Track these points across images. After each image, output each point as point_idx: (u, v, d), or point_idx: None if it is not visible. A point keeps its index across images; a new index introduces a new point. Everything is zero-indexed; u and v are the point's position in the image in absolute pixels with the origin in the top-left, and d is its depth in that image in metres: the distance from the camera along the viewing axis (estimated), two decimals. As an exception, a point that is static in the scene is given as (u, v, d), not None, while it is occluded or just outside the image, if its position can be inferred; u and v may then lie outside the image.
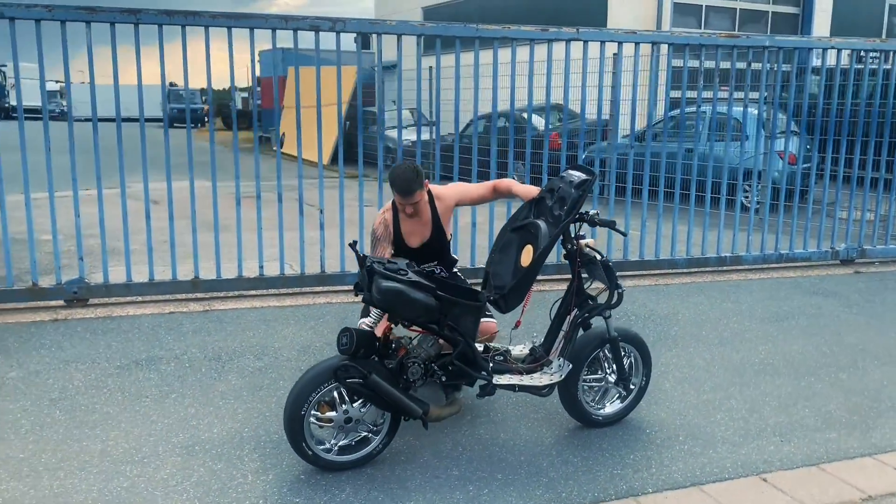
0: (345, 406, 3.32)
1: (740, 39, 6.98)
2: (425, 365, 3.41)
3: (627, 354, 3.91)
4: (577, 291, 3.73)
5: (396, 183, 3.87)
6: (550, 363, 3.72)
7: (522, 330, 4.05)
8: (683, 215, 7.60)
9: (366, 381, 3.24)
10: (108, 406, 4.07)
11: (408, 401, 3.31)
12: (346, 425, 3.36)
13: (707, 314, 5.94)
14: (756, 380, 4.62)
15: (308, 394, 3.26)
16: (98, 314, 5.62)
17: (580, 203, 3.57)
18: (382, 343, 3.42)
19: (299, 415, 3.26)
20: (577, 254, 3.69)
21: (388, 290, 3.19)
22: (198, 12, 5.64)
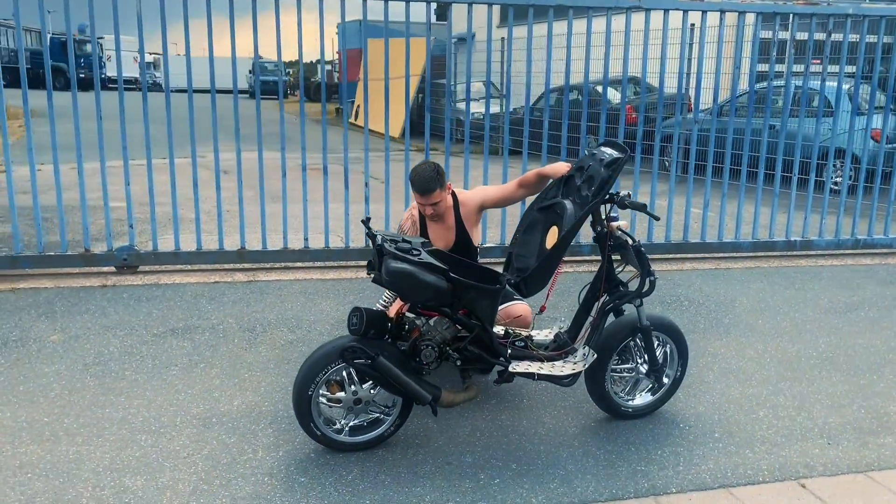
0: (354, 387, 3.23)
1: (819, 7, 6.47)
2: (440, 348, 3.28)
3: (662, 344, 3.67)
4: (606, 277, 3.50)
5: (415, 181, 3.78)
6: (575, 351, 3.53)
7: (549, 315, 3.87)
8: (750, 195, 7.18)
9: (373, 363, 3.13)
10: (137, 374, 4.11)
11: (416, 385, 3.19)
12: (355, 406, 3.27)
13: (767, 302, 5.58)
14: (810, 375, 4.30)
15: (315, 374, 3.18)
16: (146, 281, 5.72)
17: (609, 184, 3.33)
18: (395, 324, 3.30)
19: (307, 395, 3.19)
20: (607, 237, 3.46)
21: (397, 272, 3.06)
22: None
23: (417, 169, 3.79)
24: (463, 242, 3.98)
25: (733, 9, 6.34)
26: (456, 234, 3.97)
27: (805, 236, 6.99)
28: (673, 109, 10.31)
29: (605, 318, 3.51)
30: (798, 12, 6.43)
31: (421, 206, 3.84)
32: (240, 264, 6.07)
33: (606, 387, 3.57)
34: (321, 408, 3.28)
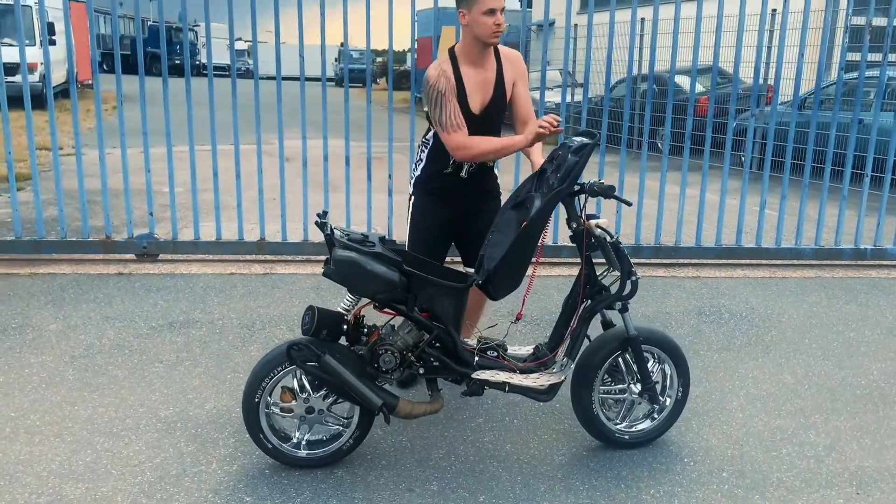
0: (305, 395, 2.97)
1: (902, -12, 5.76)
2: (401, 354, 2.98)
3: (658, 361, 3.25)
4: (586, 280, 3.11)
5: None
6: (553, 363, 3.16)
7: (531, 329, 3.50)
8: (815, 196, 6.53)
9: (319, 362, 2.86)
10: (120, 369, 3.98)
11: (365, 389, 2.89)
12: (308, 416, 3.01)
13: (820, 318, 5.01)
14: (852, 407, 3.77)
15: (261, 379, 2.94)
16: (163, 271, 5.63)
17: (576, 169, 2.93)
18: (353, 327, 3.01)
19: (253, 402, 2.95)
20: (584, 235, 3.07)
21: (342, 260, 2.81)
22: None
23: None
24: (500, 101, 3.39)
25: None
26: (494, 89, 3.37)
27: (878, 244, 6.29)
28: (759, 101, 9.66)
29: (585, 325, 3.13)
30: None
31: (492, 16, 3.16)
32: (259, 255, 5.91)
33: (595, 410, 3.18)
34: (274, 418, 3.03)
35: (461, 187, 3.46)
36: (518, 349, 3.26)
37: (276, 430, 3.05)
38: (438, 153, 3.42)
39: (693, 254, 6.18)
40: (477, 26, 3.19)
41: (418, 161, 3.55)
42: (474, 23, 3.19)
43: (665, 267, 6.08)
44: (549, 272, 5.82)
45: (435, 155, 3.44)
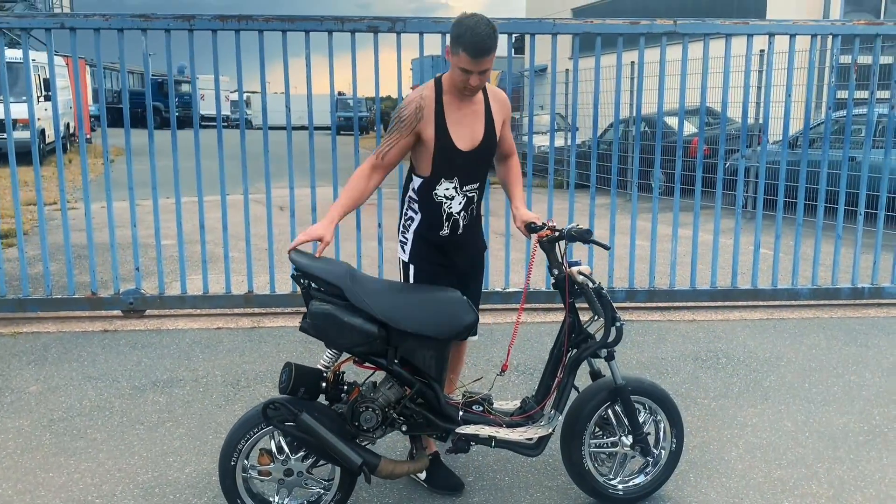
0: (283, 456, 2.86)
1: (884, 27, 5.78)
2: (383, 411, 2.87)
3: (649, 412, 3.14)
4: (571, 329, 3.01)
5: (468, 37, 2.85)
6: (541, 415, 3.05)
7: (523, 380, 3.39)
8: (810, 234, 6.46)
9: (296, 421, 2.76)
10: (99, 431, 3.85)
11: (345, 448, 2.77)
12: (287, 479, 2.88)
13: (820, 360, 4.89)
14: (857, 455, 3.64)
15: (238, 440, 2.83)
16: (149, 326, 5.53)
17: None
18: (332, 384, 2.91)
19: (230, 466, 2.83)
20: (566, 282, 2.98)
21: (318, 313, 2.74)
22: (251, 16, 5.41)
23: (467, 22, 2.88)
24: (491, 140, 3.18)
25: (784, 31, 5.74)
26: (484, 128, 3.15)
27: (875, 282, 6.21)
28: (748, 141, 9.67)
29: (572, 375, 3.02)
30: (859, 33, 5.76)
31: (466, 74, 2.95)
32: (247, 308, 5.82)
33: (586, 465, 3.06)
34: (252, 482, 2.91)
35: (459, 246, 3.23)
36: (505, 403, 3.15)
37: (254, 494, 2.92)
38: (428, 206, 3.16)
39: (688, 297, 6.09)
40: (455, 75, 3.01)
41: (408, 220, 3.23)
42: (453, 70, 3.01)
43: (660, 311, 5.99)
44: (544, 318, 5.73)
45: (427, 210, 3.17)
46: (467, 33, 2.87)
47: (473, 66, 2.91)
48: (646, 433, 3.10)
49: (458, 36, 2.89)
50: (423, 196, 3.15)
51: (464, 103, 3.11)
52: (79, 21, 5.32)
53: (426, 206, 3.15)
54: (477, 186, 3.19)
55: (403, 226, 3.25)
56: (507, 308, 5.90)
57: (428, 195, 3.13)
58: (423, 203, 3.15)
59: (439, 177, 3.10)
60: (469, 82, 2.96)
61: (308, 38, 5.48)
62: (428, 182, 3.12)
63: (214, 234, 5.94)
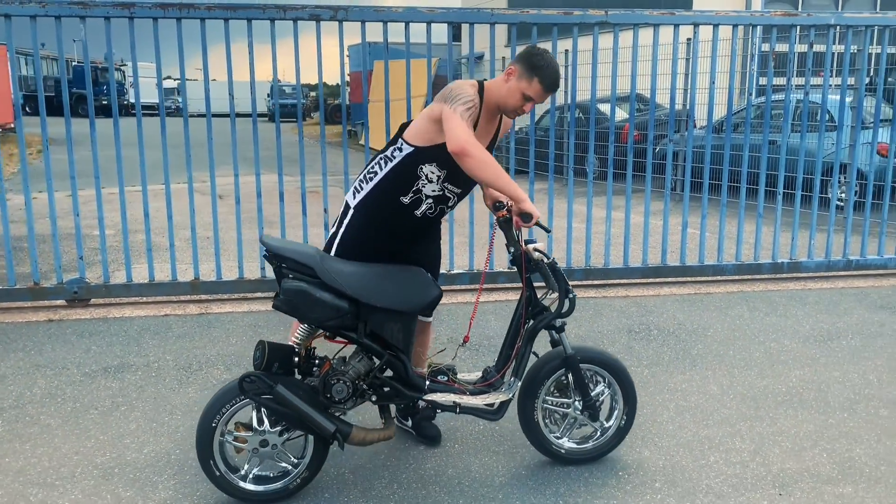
0: (262, 427, 3.01)
1: (800, 18, 6.16)
2: (353, 383, 3.03)
3: (606, 383, 3.38)
4: (528, 302, 3.25)
5: (548, 70, 3.11)
6: (501, 383, 3.27)
7: (471, 355, 3.59)
8: (733, 214, 6.85)
9: (272, 392, 2.91)
10: (52, 418, 3.89)
11: (319, 417, 2.94)
12: (261, 449, 3.03)
13: (743, 330, 5.25)
14: (775, 413, 3.97)
15: (220, 407, 2.96)
16: (95, 315, 5.53)
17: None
18: (304, 359, 3.06)
19: (210, 426, 2.96)
20: (522, 258, 3.20)
21: (291, 289, 2.90)
22: (193, 4, 5.42)
23: (547, 57, 3.15)
24: (493, 144, 3.42)
25: (707, 21, 6.06)
26: (494, 134, 3.37)
27: (794, 257, 6.64)
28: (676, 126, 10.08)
29: (529, 345, 3.25)
30: (777, 23, 6.13)
31: (527, 102, 3.16)
32: (194, 295, 5.87)
33: (536, 417, 3.31)
34: (227, 447, 3.04)
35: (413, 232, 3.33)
36: (467, 375, 3.35)
37: (227, 459, 3.05)
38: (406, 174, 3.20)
39: (622, 274, 6.40)
40: (511, 95, 3.16)
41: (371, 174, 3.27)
42: (512, 90, 3.16)
43: (596, 288, 6.28)
44: (486, 298, 5.94)
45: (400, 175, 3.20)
46: (548, 68, 3.11)
47: (540, 98, 3.17)
48: (595, 401, 3.34)
49: (538, 67, 3.10)
50: (407, 163, 3.17)
51: (492, 118, 3.28)
52: (14, 8, 5.25)
53: (402, 172, 3.18)
54: (458, 192, 3.29)
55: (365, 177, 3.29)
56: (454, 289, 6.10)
57: (413, 165, 3.16)
58: (401, 168, 3.18)
59: (434, 158, 3.15)
60: (524, 108, 3.17)
61: (251, 26, 5.53)
62: (421, 154, 3.14)
63: (155, 222, 5.95)
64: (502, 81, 3.19)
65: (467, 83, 3.15)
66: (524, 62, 3.14)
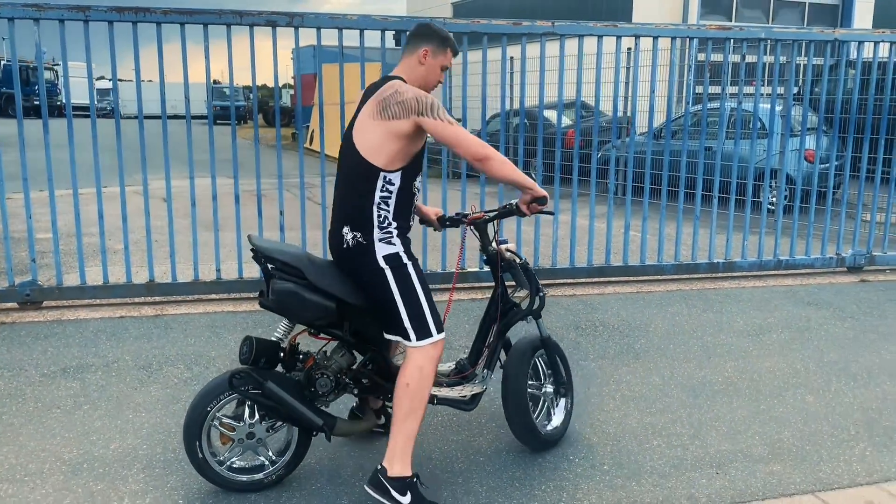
0: (252, 420, 3.14)
1: (732, 32, 6.54)
2: (336, 377, 3.19)
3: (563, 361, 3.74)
4: (500, 299, 3.46)
5: (451, 37, 3.25)
6: (475, 376, 3.48)
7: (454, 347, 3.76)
8: (672, 217, 7.21)
9: (263, 389, 3.04)
10: (15, 417, 3.93)
11: (307, 411, 3.10)
12: (247, 440, 3.16)
13: (682, 326, 5.56)
14: (711, 401, 4.26)
15: (218, 394, 3.09)
16: (48, 318, 5.52)
17: None
18: (289, 354, 3.21)
19: (204, 410, 3.08)
20: (497, 258, 3.42)
21: (282, 290, 3.03)
22: (149, 9, 5.49)
23: (441, 27, 3.30)
24: None
25: (648, 34, 6.39)
26: None
27: (728, 258, 7.02)
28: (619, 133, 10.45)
29: (501, 339, 3.48)
30: (712, 37, 6.50)
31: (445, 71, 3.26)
32: (149, 297, 5.90)
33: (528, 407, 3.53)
34: (213, 433, 3.15)
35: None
36: (441, 366, 3.52)
37: (210, 444, 3.15)
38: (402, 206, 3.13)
39: (568, 274, 6.68)
40: (431, 73, 3.23)
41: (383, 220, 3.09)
42: (431, 69, 3.22)
43: (544, 287, 6.52)
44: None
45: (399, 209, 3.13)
46: (451, 37, 3.25)
47: (450, 64, 3.29)
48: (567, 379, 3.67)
49: (446, 38, 3.22)
50: (404, 190, 3.11)
51: None
52: (-34, 9, 5.23)
53: (404, 200, 3.12)
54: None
55: (380, 227, 3.08)
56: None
57: (409, 188, 3.13)
58: (402, 197, 3.11)
59: (419, 169, 3.21)
60: (441, 79, 3.29)
61: (206, 30, 5.61)
62: (410, 173, 3.13)
63: (108, 224, 5.93)
64: (416, 65, 3.20)
65: (407, 86, 3.10)
66: (434, 39, 3.20)
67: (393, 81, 3.11)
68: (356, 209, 3.08)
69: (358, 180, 3.08)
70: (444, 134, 3.00)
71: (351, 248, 3.08)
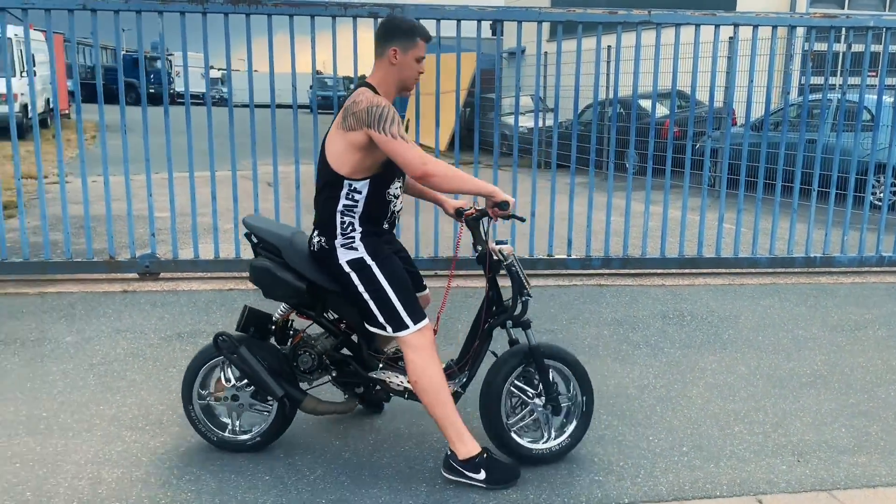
0: (241, 383, 3.41)
1: (838, 20, 6.36)
2: (319, 357, 3.39)
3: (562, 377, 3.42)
4: (490, 300, 3.36)
5: (418, 25, 3.18)
6: (457, 375, 3.42)
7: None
8: (768, 210, 7.08)
9: (236, 353, 3.30)
10: (137, 374, 4.34)
11: (269, 380, 3.28)
12: (233, 402, 3.43)
13: (773, 318, 5.51)
14: (798, 392, 4.24)
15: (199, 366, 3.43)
16: (164, 288, 5.99)
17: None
18: (280, 328, 3.45)
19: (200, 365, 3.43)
20: (486, 257, 3.28)
21: (255, 266, 3.30)
22: (262, 1, 5.84)
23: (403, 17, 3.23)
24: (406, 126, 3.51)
25: (748, 22, 6.30)
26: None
27: (826, 252, 6.84)
28: (716, 123, 10.28)
29: (486, 342, 3.38)
30: (815, 25, 6.34)
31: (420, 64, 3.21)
32: (255, 273, 6.29)
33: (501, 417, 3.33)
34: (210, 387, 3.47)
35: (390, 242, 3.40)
36: None
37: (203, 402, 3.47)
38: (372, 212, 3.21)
39: (658, 264, 6.68)
40: (406, 70, 3.18)
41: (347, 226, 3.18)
42: (405, 65, 3.17)
43: (633, 277, 6.57)
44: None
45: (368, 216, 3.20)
46: (417, 24, 3.18)
47: (425, 51, 3.20)
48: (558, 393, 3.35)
49: (411, 28, 3.15)
50: (373, 197, 3.18)
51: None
52: (99, 3, 5.71)
53: (374, 206, 3.20)
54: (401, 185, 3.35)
55: (343, 233, 3.18)
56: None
57: (380, 194, 3.19)
58: (372, 204, 3.18)
59: (393, 176, 3.22)
60: (421, 69, 3.21)
61: (313, 22, 5.93)
62: (380, 181, 3.17)
63: (220, 205, 6.39)
64: (388, 66, 3.16)
65: (370, 95, 3.09)
66: (399, 35, 3.14)
67: (358, 90, 3.13)
68: (322, 213, 3.22)
69: (325, 187, 3.19)
70: (387, 149, 3.01)
71: (316, 251, 3.24)
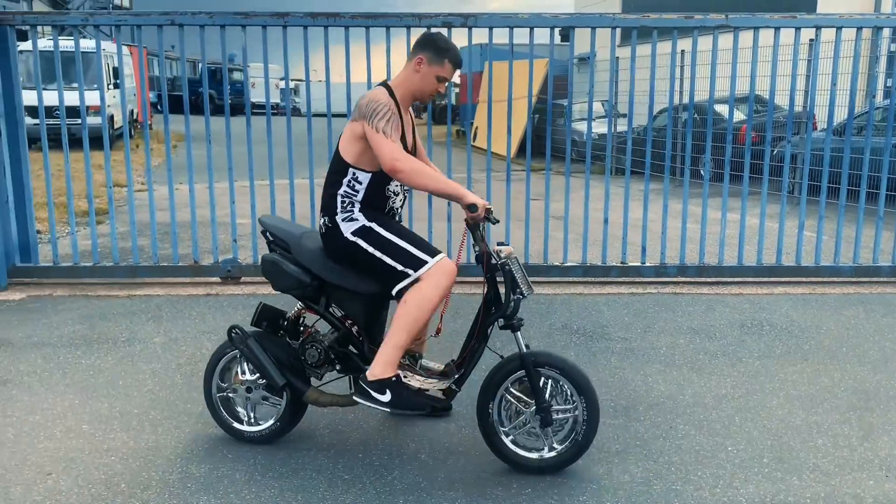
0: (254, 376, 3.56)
1: (928, 20, 6.13)
2: (327, 352, 3.48)
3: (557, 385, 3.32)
4: (489, 301, 3.34)
5: (454, 50, 3.41)
6: (453, 374, 3.43)
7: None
8: (852, 218, 6.84)
9: (245, 345, 3.46)
10: (221, 374, 4.50)
11: (273, 370, 3.42)
12: (247, 393, 3.59)
13: (858, 329, 5.33)
14: (886, 406, 4.10)
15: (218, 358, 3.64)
16: (245, 291, 6.20)
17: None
18: (292, 323, 3.60)
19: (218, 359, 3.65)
20: (484, 258, 3.28)
21: (266, 260, 3.49)
22: (339, 14, 6.00)
23: (446, 39, 3.45)
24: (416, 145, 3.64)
25: (830, 24, 6.13)
26: (412, 133, 3.59)
27: (915, 262, 6.58)
28: (795, 128, 10.01)
29: (482, 342, 3.36)
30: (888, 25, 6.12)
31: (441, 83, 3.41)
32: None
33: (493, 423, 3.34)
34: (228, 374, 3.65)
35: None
36: (431, 363, 3.60)
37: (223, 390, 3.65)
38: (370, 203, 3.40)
39: (735, 272, 6.55)
40: (426, 82, 3.40)
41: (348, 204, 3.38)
42: (425, 77, 3.39)
43: (709, 285, 6.45)
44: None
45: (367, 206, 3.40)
46: (452, 48, 3.43)
47: (451, 76, 3.45)
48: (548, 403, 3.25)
49: (445, 49, 3.39)
50: (373, 190, 3.38)
51: (405, 112, 3.47)
52: (186, 18, 5.97)
53: (373, 200, 3.39)
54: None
55: (342, 209, 3.37)
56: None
57: (379, 190, 3.39)
58: (371, 196, 3.38)
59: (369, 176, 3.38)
60: (440, 89, 3.44)
61: (388, 33, 6.06)
62: (381, 177, 3.36)
63: (286, 214, 6.61)
64: (412, 73, 3.41)
65: (377, 93, 3.32)
66: (430, 49, 3.38)
67: (375, 88, 3.41)
68: (325, 197, 3.44)
69: (332, 173, 3.44)
70: (370, 141, 3.24)
71: (324, 233, 3.45)
